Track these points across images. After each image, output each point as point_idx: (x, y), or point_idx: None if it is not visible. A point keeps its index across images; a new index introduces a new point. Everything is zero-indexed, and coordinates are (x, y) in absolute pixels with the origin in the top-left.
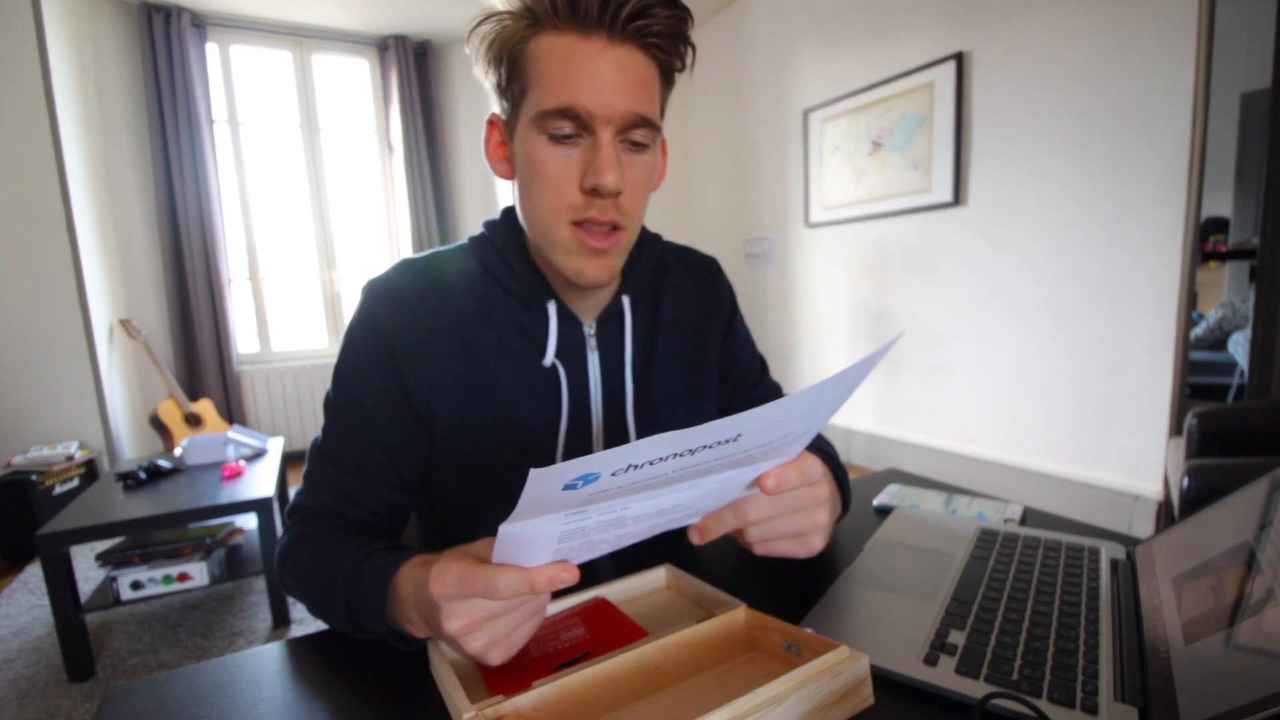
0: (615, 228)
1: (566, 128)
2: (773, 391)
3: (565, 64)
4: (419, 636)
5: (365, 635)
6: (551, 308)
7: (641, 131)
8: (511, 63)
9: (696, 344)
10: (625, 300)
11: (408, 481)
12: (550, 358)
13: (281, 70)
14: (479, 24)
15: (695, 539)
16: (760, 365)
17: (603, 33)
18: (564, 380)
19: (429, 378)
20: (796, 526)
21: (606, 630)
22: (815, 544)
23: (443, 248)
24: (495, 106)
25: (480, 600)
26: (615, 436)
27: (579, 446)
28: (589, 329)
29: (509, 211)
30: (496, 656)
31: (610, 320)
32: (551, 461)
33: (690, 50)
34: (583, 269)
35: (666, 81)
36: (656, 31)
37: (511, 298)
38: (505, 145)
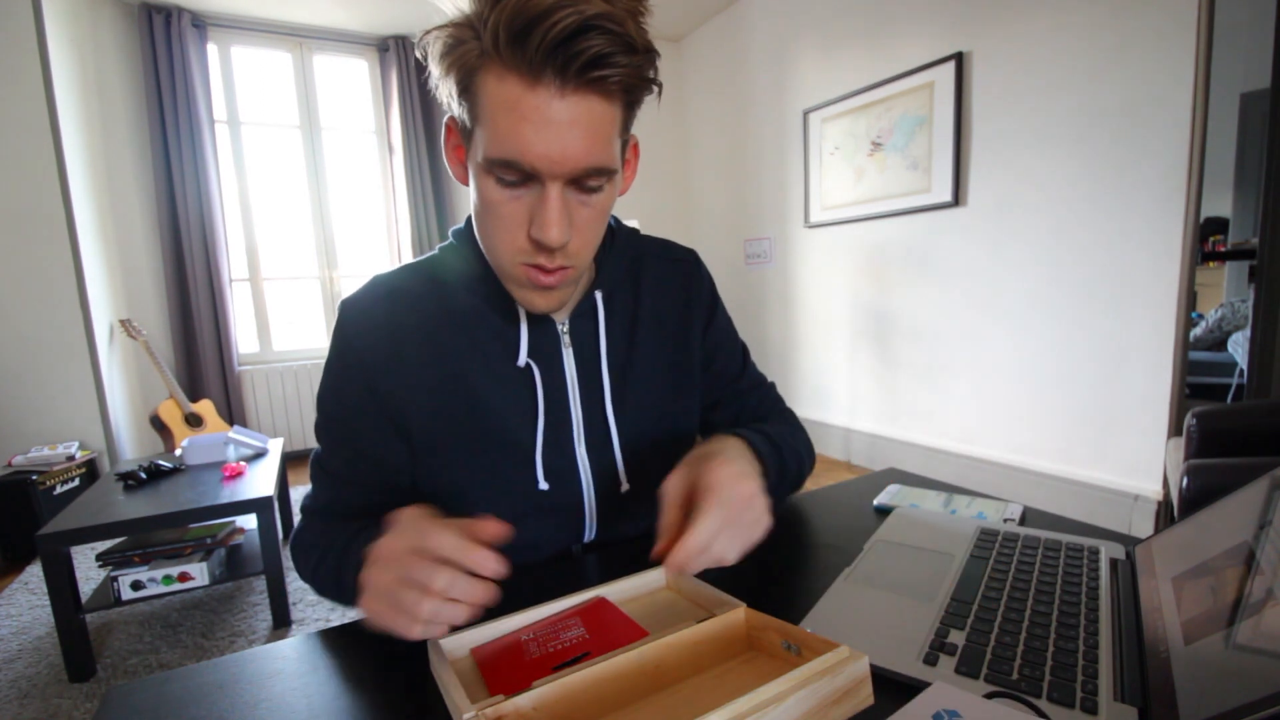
0: (562, 268)
1: (512, 176)
2: (754, 385)
3: (510, 114)
4: None
5: (346, 603)
6: (522, 309)
7: (594, 181)
8: (464, 86)
9: (678, 337)
10: (598, 295)
11: (399, 489)
12: (523, 358)
13: (281, 70)
14: (429, 31)
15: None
16: (742, 354)
17: (553, 80)
18: (539, 380)
19: (402, 391)
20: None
21: (606, 630)
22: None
23: (413, 260)
24: (453, 111)
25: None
26: (597, 433)
27: (560, 445)
28: (562, 326)
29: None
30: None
31: (584, 316)
32: (532, 462)
33: (658, 87)
34: (533, 301)
35: (630, 108)
36: (616, 80)
37: (483, 303)
38: (462, 150)
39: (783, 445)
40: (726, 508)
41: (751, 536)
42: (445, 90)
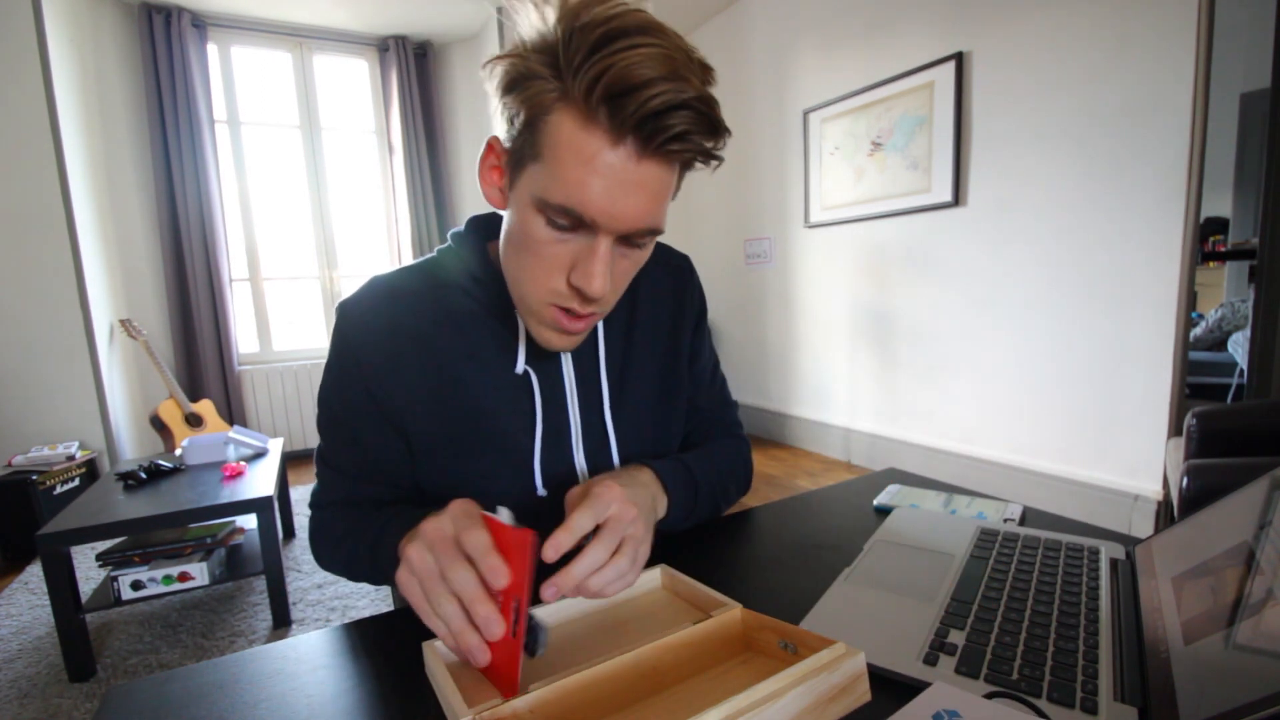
0: (592, 314)
1: (566, 222)
2: (713, 406)
3: (584, 168)
4: None
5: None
6: (521, 316)
7: (644, 238)
8: (530, 120)
9: (670, 341)
10: None
11: (404, 485)
12: (521, 365)
13: (281, 70)
14: (501, 57)
15: (549, 595)
16: (711, 373)
17: (634, 145)
18: (536, 387)
19: (400, 395)
20: (620, 569)
21: (509, 556)
22: (633, 579)
23: (412, 263)
24: (497, 126)
25: None
26: (595, 438)
27: (558, 451)
28: None
29: (474, 222)
30: None
31: None
32: (530, 468)
33: (716, 162)
34: (551, 341)
35: (686, 171)
36: (690, 154)
37: (481, 308)
38: (500, 172)
39: (700, 477)
40: (597, 513)
41: (636, 553)
42: (506, 114)
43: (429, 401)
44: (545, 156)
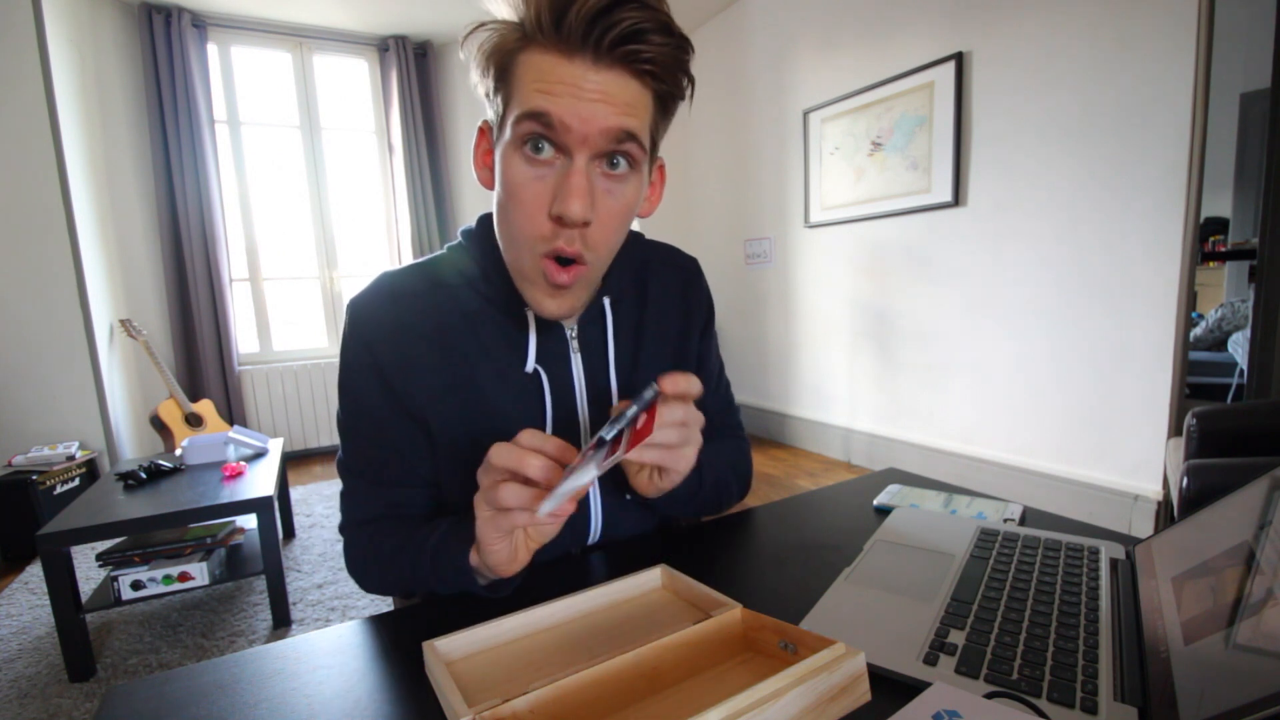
0: (578, 261)
1: (541, 141)
2: (718, 409)
3: (545, 81)
4: (500, 582)
5: (453, 591)
6: (530, 314)
7: (623, 148)
8: (500, 71)
9: (678, 343)
10: (606, 301)
11: (430, 480)
12: (531, 364)
13: (281, 70)
14: (474, 30)
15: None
16: (717, 377)
17: (588, 55)
18: (546, 386)
19: (418, 391)
20: (681, 438)
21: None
22: (684, 463)
23: (422, 259)
24: (488, 113)
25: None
26: None
27: None
28: (570, 331)
29: (485, 219)
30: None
31: (592, 322)
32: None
33: (689, 82)
34: (543, 303)
35: (663, 110)
36: (649, 58)
37: (491, 306)
38: (491, 154)
39: (705, 464)
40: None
41: (676, 457)
42: (484, 88)
43: (444, 398)
44: (515, 93)
